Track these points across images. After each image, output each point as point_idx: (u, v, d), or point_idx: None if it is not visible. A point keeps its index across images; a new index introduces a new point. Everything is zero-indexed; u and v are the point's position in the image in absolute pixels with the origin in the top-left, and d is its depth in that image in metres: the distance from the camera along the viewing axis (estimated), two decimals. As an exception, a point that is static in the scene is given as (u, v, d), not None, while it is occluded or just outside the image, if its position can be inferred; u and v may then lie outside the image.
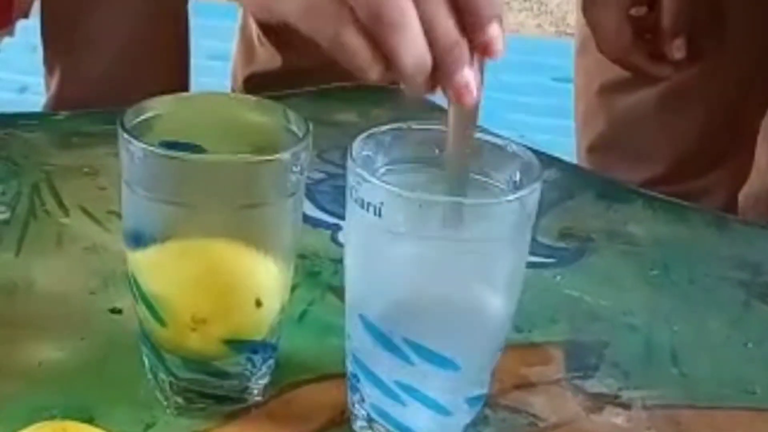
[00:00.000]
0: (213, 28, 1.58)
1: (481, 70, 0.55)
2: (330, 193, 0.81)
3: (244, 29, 1.21)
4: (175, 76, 1.09)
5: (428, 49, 0.53)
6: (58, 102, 1.08)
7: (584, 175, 0.92)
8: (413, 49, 0.52)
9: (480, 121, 0.57)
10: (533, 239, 0.79)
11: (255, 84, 1.19)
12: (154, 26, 1.07)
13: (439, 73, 0.54)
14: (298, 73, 1.05)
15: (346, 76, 1.05)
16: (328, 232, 0.78)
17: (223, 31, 1.35)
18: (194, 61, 1.12)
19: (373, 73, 0.53)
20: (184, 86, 1.10)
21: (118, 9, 1.04)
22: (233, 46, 1.23)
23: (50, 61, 1.09)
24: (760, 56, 1.05)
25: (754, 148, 1.11)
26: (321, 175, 0.84)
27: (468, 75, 0.54)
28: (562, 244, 0.79)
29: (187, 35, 1.11)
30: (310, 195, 0.82)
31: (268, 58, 1.17)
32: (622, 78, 1.05)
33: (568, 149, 1.11)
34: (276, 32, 1.13)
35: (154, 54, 1.07)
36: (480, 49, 0.54)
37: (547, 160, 0.89)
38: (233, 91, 1.20)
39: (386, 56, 0.53)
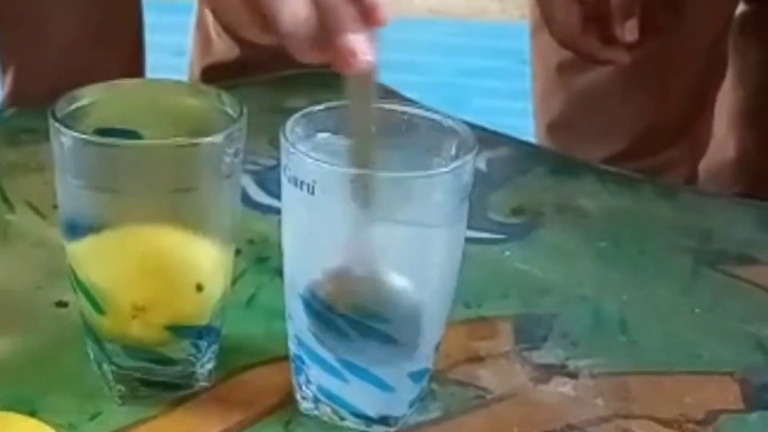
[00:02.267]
0: (177, 25, 1.58)
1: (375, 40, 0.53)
2: (280, 180, 0.81)
3: (201, 21, 1.20)
4: (130, 70, 1.09)
5: (310, 11, 0.52)
6: (13, 100, 1.07)
7: (535, 152, 0.92)
8: (289, 8, 0.52)
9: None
10: (484, 216, 0.79)
11: (213, 75, 1.18)
12: (107, 19, 1.06)
13: (324, 36, 0.53)
14: (256, 64, 1.05)
15: (303, 65, 1.05)
16: (278, 217, 0.77)
17: (187, 28, 1.34)
18: (159, 58, 1.12)
19: (252, 33, 0.53)
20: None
21: (68, 3, 1.04)
22: (189, 39, 1.22)
23: (4, 59, 1.08)
24: (718, 27, 1.05)
25: (713, 120, 1.10)
26: (272, 162, 0.84)
27: (353, 41, 0.52)
28: (512, 220, 0.79)
29: (141, 28, 1.11)
30: (261, 181, 0.82)
31: (225, 49, 1.17)
32: (580, 56, 1.05)
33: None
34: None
35: (107, 48, 1.06)
36: (362, 15, 0.53)
37: (500, 138, 0.89)
38: (191, 83, 1.20)
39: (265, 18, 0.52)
